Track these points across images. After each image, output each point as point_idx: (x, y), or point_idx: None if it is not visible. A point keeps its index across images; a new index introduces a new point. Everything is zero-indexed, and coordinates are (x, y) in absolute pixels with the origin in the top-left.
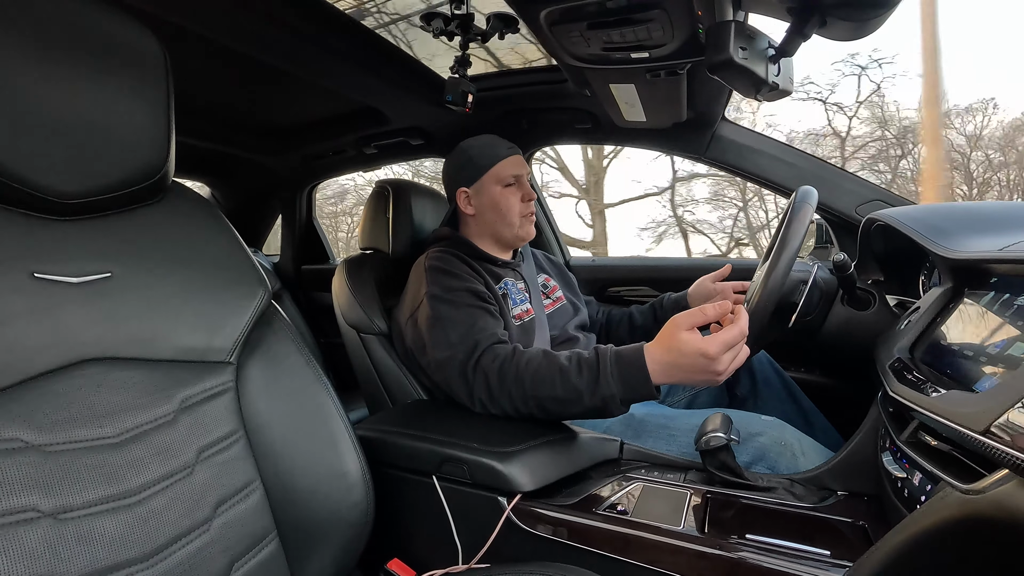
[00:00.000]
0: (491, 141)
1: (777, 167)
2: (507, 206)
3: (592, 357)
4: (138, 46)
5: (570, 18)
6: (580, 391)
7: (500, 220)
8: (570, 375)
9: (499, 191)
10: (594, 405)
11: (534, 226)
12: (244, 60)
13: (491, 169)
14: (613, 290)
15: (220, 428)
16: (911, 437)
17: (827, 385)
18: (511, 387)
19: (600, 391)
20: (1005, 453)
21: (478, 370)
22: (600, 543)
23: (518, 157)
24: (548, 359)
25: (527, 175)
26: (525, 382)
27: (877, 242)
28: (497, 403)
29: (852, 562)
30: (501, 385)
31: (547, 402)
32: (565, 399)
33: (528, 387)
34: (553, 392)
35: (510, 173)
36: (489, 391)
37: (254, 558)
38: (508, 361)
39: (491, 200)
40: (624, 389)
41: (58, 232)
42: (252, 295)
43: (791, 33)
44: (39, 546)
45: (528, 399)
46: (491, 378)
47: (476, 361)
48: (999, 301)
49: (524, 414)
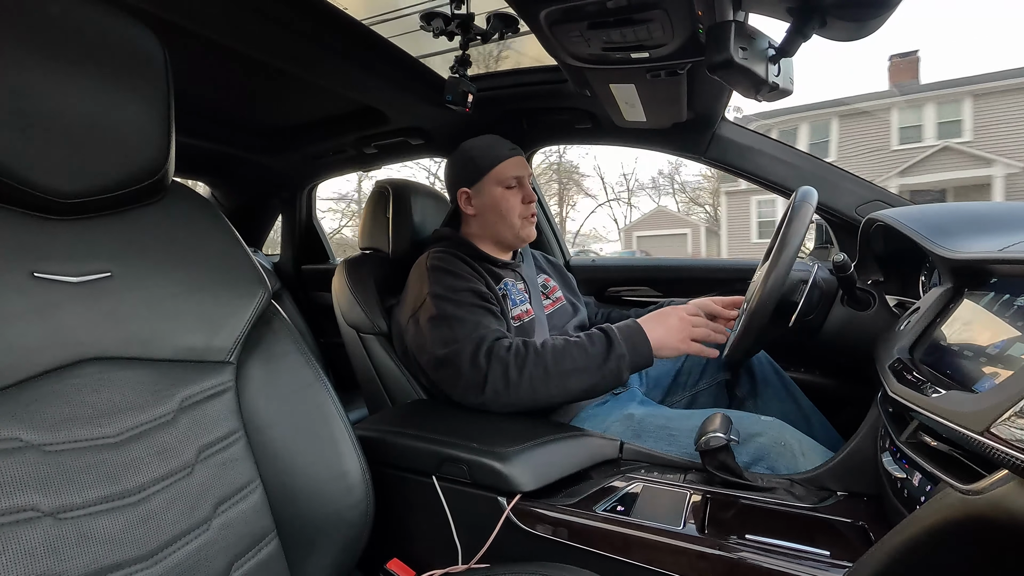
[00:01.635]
0: (493, 142)
1: (777, 167)
2: (508, 207)
3: (598, 331)
4: (138, 46)
5: (570, 18)
6: (597, 356)
7: (500, 221)
8: (585, 347)
9: (500, 192)
10: (609, 370)
11: (534, 227)
12: (244, 60)
13: (492, 170)
14: (613, 290)
15: (220, 428)
16: (911, 437)
17: (827, 385)
18: (532, 369)
19: (615, 351)
20: (1005, 453)
21: (492, 358)
22: (600, 543)
23: (520, 158)
24: (558, 339)
25: (528, 176)
26: (547, 360)
27: (877, 242)
28: (514, 389)
29: (852, 562)
30: (521, 369)
31: (569, 375)
32: (585, 368)
33: (550, 363)
34: (574, 363)
35: (511, 175)
36: (507, 377)
37: (254, 558)
38: (522, 348)
39: (492, 201)
40: (630, 353)
41: (58, 232)
42: (252, 295)
43: (791, 33)
44: (39, 546)
45: (550, 376)
46: (509, 364)
47: (488, 351)
48: (999, 301)
49: (542, 398)
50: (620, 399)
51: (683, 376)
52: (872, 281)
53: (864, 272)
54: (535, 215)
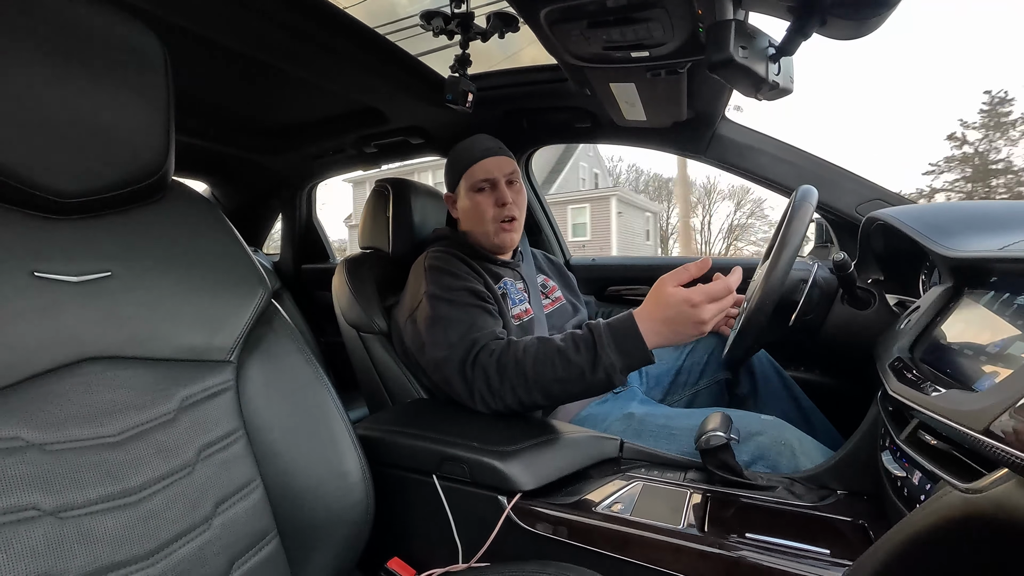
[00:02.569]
0: (470, 143)
1: (777, 166)
2: (478, 213)
3: (586, 333)
4: (138, 45)
5: (570, 17)
6: (581, 367)
7: (476, 227)
8: (568, 354)
9: (472, 196)
10: (597, 379)
11: (521, 231)
12: (244, 60)
13: (464, 173)
14: (613, 289)
15: (220, 427)
16: (911, 436)
17: (827, 385)
18: (512, 377)
19: (601, 363)
20: (1004, 452)
21: (476, 367)
22: (600, 542)
23: (497, 159)
24: (543, 344)
25: (507, 177)
26: (526, 369)
27: (877, 241)
28: (499, 397)
29: (852, 561)
30: (501, 378)
31: (550, 385)
32: (567, 378)
33: (529, 373)
34: (555, 374)
35: (480, 178)
36: (489, 386)
37: (254, 557)
38: (504, 353)
39: (465, 206)
40: (622, 357)
41: (58, 231)
42: (252, 294)
43: (792, 32)
44: (40, 544)
45: (531, 386)
46: (490, 372)
47: (474, 358)
48: (999, 300)
49: (528, 404)
50: (620, 398)
51: (683, 375)
52: (872, 280)
53: (864, 271)
54: (515, 219)
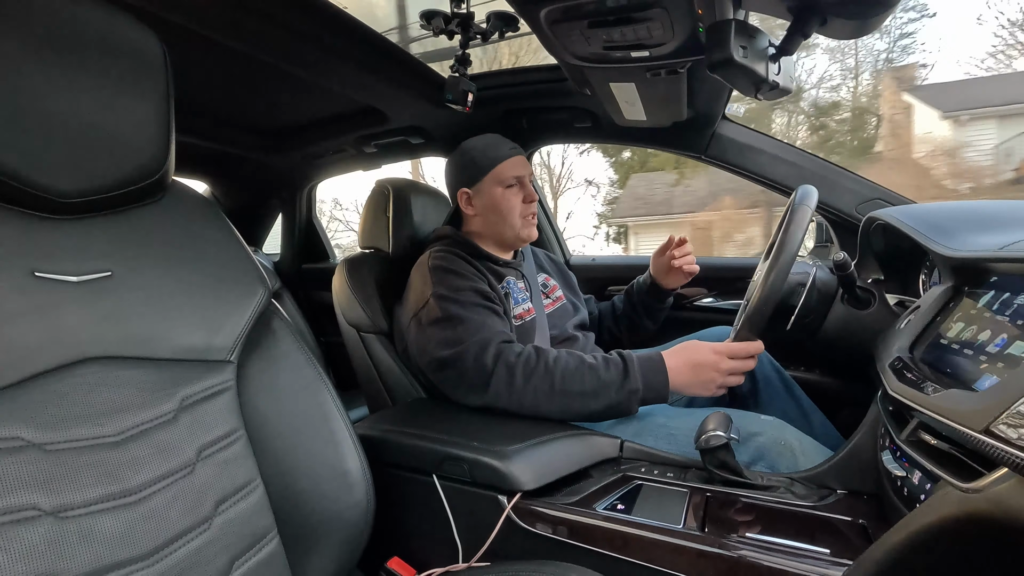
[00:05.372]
0: (493, 141)
1: (778, 166)
2: (508, 208)
3: (616, 357)
4: (138, 45)
5: (570, 17)
6: (608, 385)
7: (501, 221)
8: (599, 370)
9: (500, 192)
10: (618, 400)
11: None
12: (244, 60)
13: (492, 170)
14: (613, 288)
15: (220, 427)
16: (911, 436)
17: (827, 384)
18: (538, 382)
19: (627, 385)
20: (1004, 452)
21: (500, 362)
22: (600, 542)
23: (520, 158)
24: (573, 356)
25: (529, 176)
26: (555, 377)
27: (877, 241)
28: (516, 396)
29: (852, 560)
30: (527, 379)
31: (573, 398)
32: (593, 393)
33: (557, 381)
34: (582, 386)
35: (511, 174)
36: (511, 383)
37: (255, 556)
38: (533, 357)
39: (492, 201)
40: (645, 387)
41: (58, 231)
42: (252, 294)
43: (792, 32)
44: (40, 544)
45: (554, 394)
46: (516, 371)
47: (497, 353)
48: (999, 300)
49: (540, 411)
50: None
51: None
52: (872, 280)
53: (864, 271)
54: (536, 215)
